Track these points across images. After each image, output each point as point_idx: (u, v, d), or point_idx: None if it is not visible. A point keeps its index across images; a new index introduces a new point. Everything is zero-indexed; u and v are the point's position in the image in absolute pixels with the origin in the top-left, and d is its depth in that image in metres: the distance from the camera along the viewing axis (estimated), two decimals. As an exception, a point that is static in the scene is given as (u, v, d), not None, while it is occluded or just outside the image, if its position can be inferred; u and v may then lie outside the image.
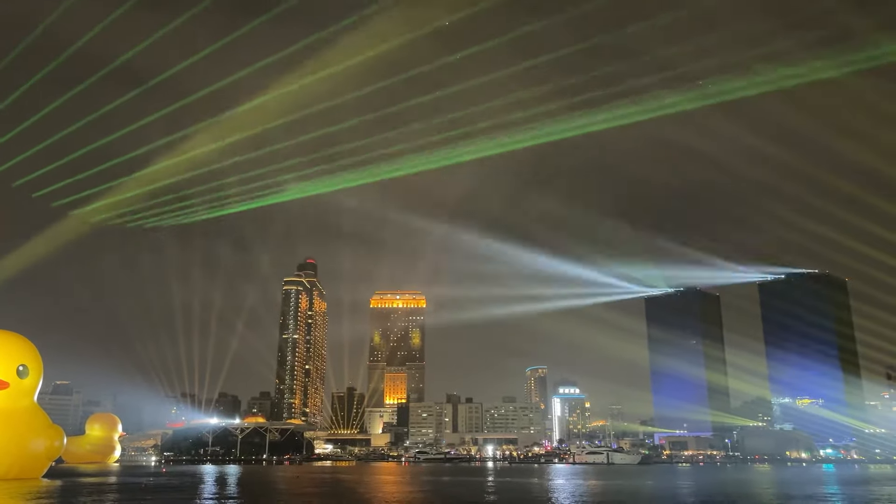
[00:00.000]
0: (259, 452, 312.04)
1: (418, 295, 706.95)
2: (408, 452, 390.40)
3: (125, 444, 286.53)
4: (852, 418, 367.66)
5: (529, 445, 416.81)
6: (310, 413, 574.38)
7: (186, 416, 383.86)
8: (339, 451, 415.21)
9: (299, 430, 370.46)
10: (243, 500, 72.53)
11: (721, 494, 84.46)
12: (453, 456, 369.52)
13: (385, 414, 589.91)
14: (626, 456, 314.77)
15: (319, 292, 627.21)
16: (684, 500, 73.23)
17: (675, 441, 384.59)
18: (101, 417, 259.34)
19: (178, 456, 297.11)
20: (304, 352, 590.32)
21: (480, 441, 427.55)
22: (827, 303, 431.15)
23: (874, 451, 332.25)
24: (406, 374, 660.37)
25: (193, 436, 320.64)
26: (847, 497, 76.79)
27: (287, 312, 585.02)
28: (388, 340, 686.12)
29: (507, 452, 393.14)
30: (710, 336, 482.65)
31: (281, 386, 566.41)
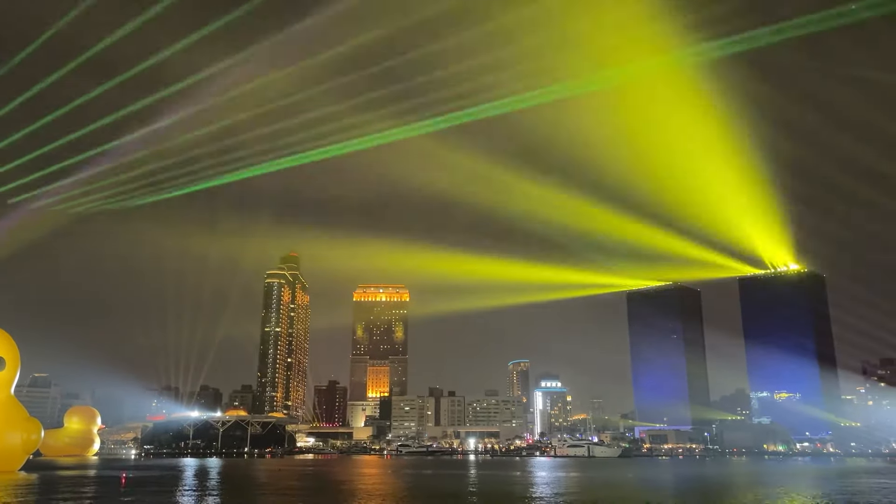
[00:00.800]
0: (240, 446, 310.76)
1: (401, 288, 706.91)
2: (390, 446, 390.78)
3: (104, 438, 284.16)
4: (829, 412, 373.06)
5: (511, 438, 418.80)
6: (292, 406, 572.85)
7: (167, 409, 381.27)
8: (321, 444, 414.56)
9: (281, 423, 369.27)
10: (224, 493, 72.32)
11: (692, 484, 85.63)
12: (435, 449, 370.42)
13: (367, 407, 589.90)
14: (607, 449, 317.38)
15: (302, 285, 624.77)
16: (660, 490, 74.17)
17: (655, 434, 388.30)
18: (80, 410, 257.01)
19: (159, 449, 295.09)
20: (287, 345, 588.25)
21: (463, 434, 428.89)
22: (805, 298, 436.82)
23: (850, 444, 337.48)
24: (389, 367, 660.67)
25: (174, 429, 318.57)
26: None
27: (269, 305, 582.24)
28: (371, 334, 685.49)
29: (489, 445, 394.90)
30: (691, 331, 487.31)
31: (263, 379, 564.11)
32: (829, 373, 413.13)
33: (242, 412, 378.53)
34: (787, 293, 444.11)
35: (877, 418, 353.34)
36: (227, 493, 72.53)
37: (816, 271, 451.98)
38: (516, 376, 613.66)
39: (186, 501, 60.32)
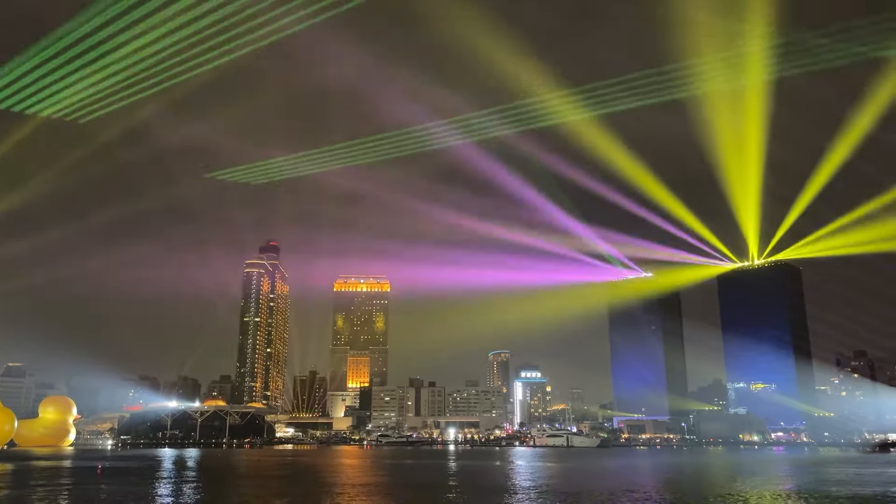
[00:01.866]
0: (219, 436, 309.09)
1: (382, 279, 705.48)
2: (370, 436, 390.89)
3: (80, 428, 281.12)
4: (803, 402, 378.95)
5: (491, 429, 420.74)
6: (271, 397, 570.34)
7: (144, 399, 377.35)
8: (301, 434, 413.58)
9: (260, 413, 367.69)
10: (202, 483, 71.70)
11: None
12: (415, 439, 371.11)
13: (347, 398, 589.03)
14: (586, 439, 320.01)
15: (282, 275, 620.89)
16: (638, 479, 74.87)
17: (634, 425, 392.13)
18: (55, 400, 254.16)
19: (136, 439, 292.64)
20: (266, 335, 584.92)
21: (442, 424, 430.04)
22: (781, 291, 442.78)
23: (823, 433, 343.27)
24: (369, 357, 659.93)
25: (152, 419, 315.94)
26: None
27: (248, 295, 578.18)
28: (351, 324, 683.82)
29: (469, 435, 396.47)
30: (669, 322, 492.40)
31: (242, 369, 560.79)
32: (804, 364, 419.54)
33: (221, 402, 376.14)
34: (763, 286, 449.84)
35: (850, 408, 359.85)
36: (204, 482, 71.93)
37: (792, 265, 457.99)
38: (496, 367, 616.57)
39: (163, 491, 59.69)
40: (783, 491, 61.72)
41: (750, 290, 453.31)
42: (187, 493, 59.34)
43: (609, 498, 53.28)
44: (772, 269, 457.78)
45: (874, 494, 57.16)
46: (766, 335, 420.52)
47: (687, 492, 62.54)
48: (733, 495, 55.91)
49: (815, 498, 54.03)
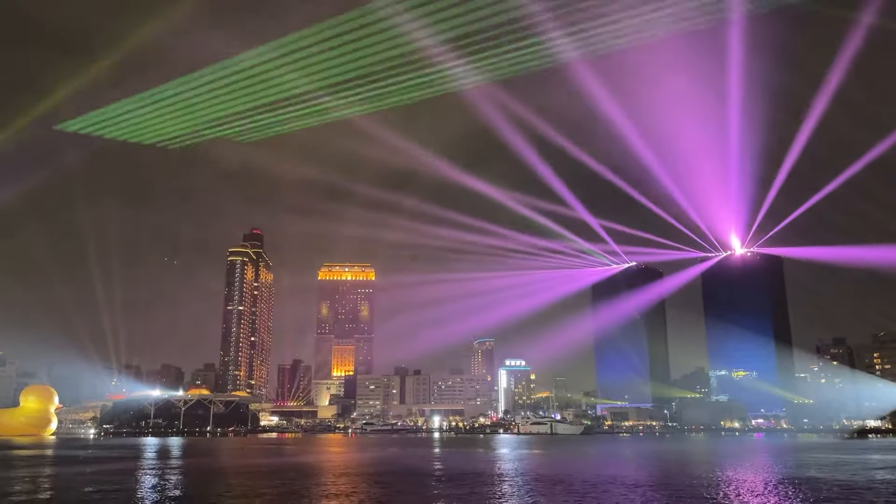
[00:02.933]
0: (203, 424, 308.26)
1: (367, 267, 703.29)
2: (355, 424, 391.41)
3: (62, 417, 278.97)
4: (783, 389, 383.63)
5: (475, 416, 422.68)
6: (255, 385, 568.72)
7: (127, 387, 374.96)
8: (285, 423, 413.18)
9: (244, 402, 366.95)
10: (184, 471, 71.43)
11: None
12: (400, 427, 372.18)
13: (332, 386, 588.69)
14: (569, 426, 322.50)
15: (266, 263, 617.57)
16: (620, 465, 75.57)
17: (617, 412, 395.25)
18: (37, 389, 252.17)
19: (119, 428, 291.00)
20: (250, 323, 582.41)
21: (427, 412, 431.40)
22: (763, 280, 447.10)
23: (802, 420, 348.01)
24: (354, 346, 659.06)
25: (135, 408, 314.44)
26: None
27: (232, 284, 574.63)
28: (336, 313, 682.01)
29: (454, 423, 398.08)
30: (653, 310, 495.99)
31: (226, 358, 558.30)
32: (784, 352, 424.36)
33: (205, 391, 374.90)
34: (745, 275, 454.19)
35: (829, 395, 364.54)
36: (187, 470, 71.65)
37: (774, 254, 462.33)
38: (481, 355, 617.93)
39: (147, 480, 59.34)
40: (765, 477, 62.52)
41: (732, 279, 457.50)
42: (171, 481, 59.04)
43: (593, 484, 53.69)
44: (753, 258, 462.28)
45: (856, 481, 58.06)
46: (747, 323, 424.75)
47: (673, 476, 63.18)
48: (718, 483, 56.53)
49: (798, 484, 54.76)
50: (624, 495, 45.82)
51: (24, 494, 46.63)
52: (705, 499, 43.78)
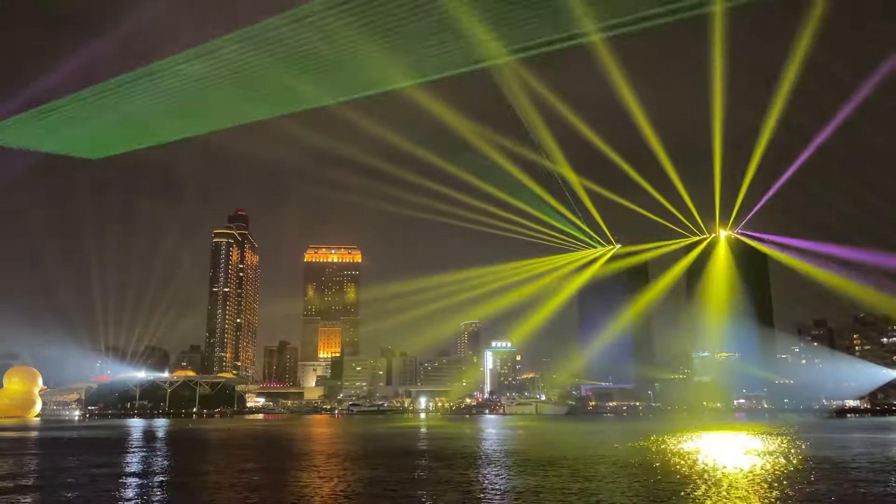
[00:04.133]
0: (189, 406, 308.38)
1: (354, 249, 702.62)
2: (341, 405, 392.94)
3: (46, 399, 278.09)
4: (765, 370, 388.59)
5: (462, 397, 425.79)
6: (241, 367, 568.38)
7: (112, 369, 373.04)
8: (272, 404, 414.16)
9: (230, 383, 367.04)
10: (170, 451, 71.64)
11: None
12: (386, 408, 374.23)
13: (319, 367, 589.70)
14: (554, 406, 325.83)
15: (251, 245, 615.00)
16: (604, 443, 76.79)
17: (601, 392, 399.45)
18: (20, 371, 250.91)
19: (104, 410, 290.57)
20: (236, 305, 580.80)
21: (414, 393, 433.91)
22: (747, 263, 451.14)
23: (783, 400, 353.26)
24: (340, 328, 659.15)
25: (120, 389, 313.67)
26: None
27: (217, 265, 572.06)
28: (322, 294, 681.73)
29: (440, 404, 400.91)
30: (638, 292, 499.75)
31: (211, 339, 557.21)
32: (766, 333, 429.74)
33: (191, 373, 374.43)
34: (728, 256, 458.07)
35: (809, 376, 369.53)
36: (173, 450, 71.86)
37: (757, 234, 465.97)
38: (467, 337, 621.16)
39: (132, 461, 59.51)
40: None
41: (714, 260, 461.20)
42: (157, 461, 59.25)
43: (573, 459, 54.51)
44: (737, 239, 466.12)
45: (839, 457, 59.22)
46: (731, 306, 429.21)
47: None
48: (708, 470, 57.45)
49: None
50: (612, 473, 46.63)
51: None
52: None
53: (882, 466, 51.74)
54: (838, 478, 44.15)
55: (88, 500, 35.24)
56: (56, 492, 38.56)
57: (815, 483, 41.14)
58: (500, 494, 36.78)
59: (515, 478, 44.18)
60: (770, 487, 38.44)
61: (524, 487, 38.94)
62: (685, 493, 35.94)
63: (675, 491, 36.74)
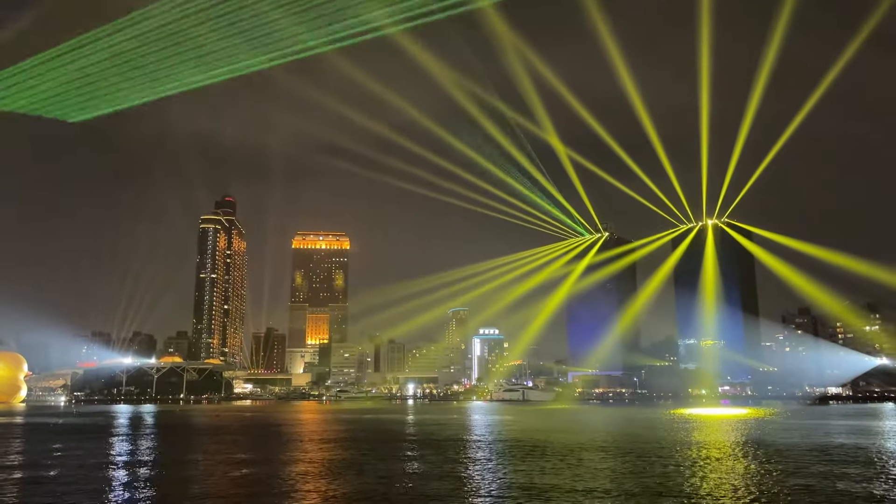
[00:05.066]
0: (176, 392, 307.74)
1: (342, 236, 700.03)
2: (329, 391, 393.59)
3: (32, 385, 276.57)
4: (749, 358, 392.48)
5: (449, 384, 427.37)
6: (229, 353, 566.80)
7: (98, 355, 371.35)
8: (259, 390, 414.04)
9: (218, 369, 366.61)
10: (157, 436, 71.74)
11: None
12: (374, 394, 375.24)
13: (307, 354, 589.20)
14: (541, 393, 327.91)
15: (239, 231, 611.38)
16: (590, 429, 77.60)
17: (588, 379, 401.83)
18: (5, 357, 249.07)
19: (91, 396, 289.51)
20: (223, 291, 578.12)
21: (402, 380, 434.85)
22: (732, 251, 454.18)
23: (767, 387, 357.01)
24: (329, 314, 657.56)
25: (106, 375, 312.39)
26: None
27: (204, 251, 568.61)
28: (310, 281, 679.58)
29: (428, 390, 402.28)
30: (624, 280, 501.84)
31: (199, 326, 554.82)
32: (751, 321, 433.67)
33: (178, 359, 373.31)
34: (715, 245, 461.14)
35: (792, 363, 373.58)
36: (160, 435, 71.97)
37: (743, 224, 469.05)
38: (455, 324, 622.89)
39: (119, 446, 59.61)
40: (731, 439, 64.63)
41: (701, 249, 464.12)
42: (143, 446, 59.38)
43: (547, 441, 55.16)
44: (723, 227, 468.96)
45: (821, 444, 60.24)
46: (716, 293, 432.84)
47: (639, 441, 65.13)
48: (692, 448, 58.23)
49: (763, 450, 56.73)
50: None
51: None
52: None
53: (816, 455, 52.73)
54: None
55: (73, 485, 35.40)
56: (41, 477, 38.67)
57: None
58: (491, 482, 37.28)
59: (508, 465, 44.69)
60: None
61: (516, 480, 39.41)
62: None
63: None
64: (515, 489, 33.34)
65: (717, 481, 35.93)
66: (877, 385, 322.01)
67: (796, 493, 32.39)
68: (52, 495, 32.00)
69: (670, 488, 33.24)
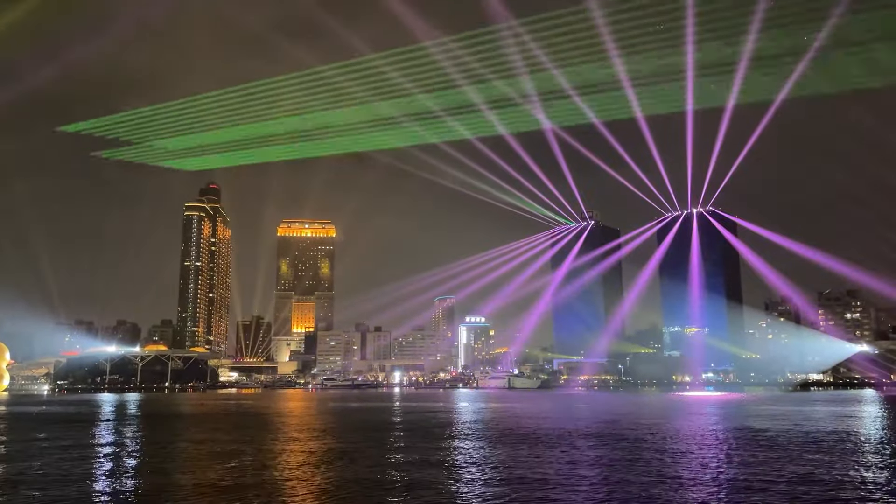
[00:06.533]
0: (161, 381, 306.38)
1: (328, 224, 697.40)
2: (315, 380, 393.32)
3: (14, 373, 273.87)
4: (733, 345, 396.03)
5: (436, 371, 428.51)
6: (214, 341, 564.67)
7: (82, 344, 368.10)
8: (245, 378, 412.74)
9: (203, 358, 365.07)
10: (141, 425, 71.29)
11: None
12: (361, 382, 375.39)
13: (293, 342, 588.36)
14: (527, 381, 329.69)
15: (223, 219, 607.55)
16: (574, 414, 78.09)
17: (573, 366, 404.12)
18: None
19: (74, 385, 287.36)
20: (208, 280, 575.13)
21: (388, 368, 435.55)
22: (717, 239, 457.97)
23: (749, 374, 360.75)
24: (315, 303, 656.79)
25: (90, 364, 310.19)
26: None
27: (189, 239, 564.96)
28: (296, 269, 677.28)
29: (414, 378, 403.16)
30: (610, 268, 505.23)
31: (183, 314, 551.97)
32: (735, 309, 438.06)
33: (163, 347, 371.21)
34: (700, 233, 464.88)
35: (775, 350, 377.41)
36: (144, 424, 71.50)
37: (728, 213, 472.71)
38: (442, 312, 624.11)
39: (103, 435, 59.15)
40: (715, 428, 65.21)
41: (686, 237, 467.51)
42: (127, 434, 58.96)
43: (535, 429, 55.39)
44: (708, 216, 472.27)
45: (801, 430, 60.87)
46: (701, 282, 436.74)
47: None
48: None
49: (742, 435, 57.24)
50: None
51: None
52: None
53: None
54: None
55: (58, 474, 35.02)
56: (26, 468, 38.24)
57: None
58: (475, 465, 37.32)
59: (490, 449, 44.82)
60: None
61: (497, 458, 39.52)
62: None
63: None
64: (511, 480, 33.38)
65: (715, 470, 36.18)
66: (857, 371, 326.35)
67: (797, 481, 32.69)
68: (36, 485, 31.62)
69: (665, 475, 33.44)
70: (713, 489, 29.75)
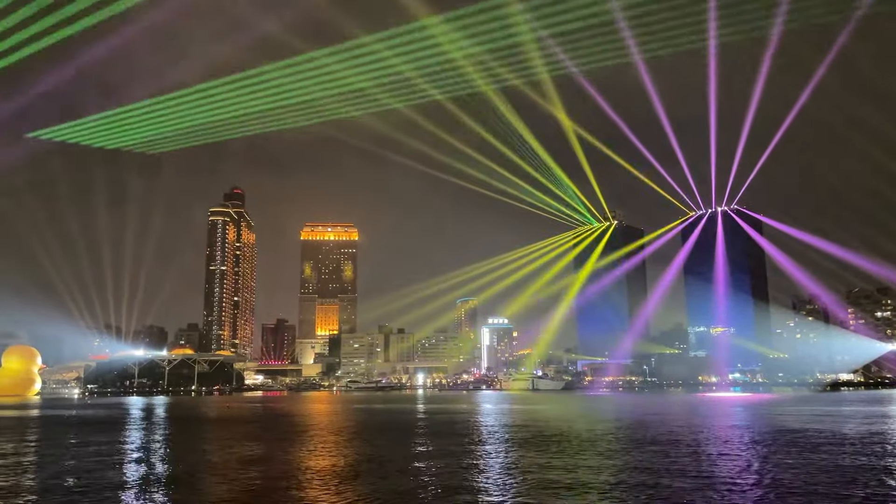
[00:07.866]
0: (188, 384, 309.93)
1: (350, 227, 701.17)
2: (339, 382, 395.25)
3: (45, 377, 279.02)
4: (760, 345, 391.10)
5: (459, 373, 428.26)
6: (239, 344, 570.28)
7: (110, 348, 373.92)
8: (270, 381, 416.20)
9: (229, 361, 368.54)
10: (171, 428, 72.02)
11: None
12: (384, 384, 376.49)
13: (317, 345, 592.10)
14: (551, 382, 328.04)
15: (248, 223, 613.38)
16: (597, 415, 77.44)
17: (597, 368, 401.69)
18: (19, 350, 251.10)
19: (103, 388, 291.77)
20: (233, 283, 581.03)
21: (411, 370, 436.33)
22: (742, 237, 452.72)
23: (777, 374, 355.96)
24: (338, 305, 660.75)
25: (119, 368, 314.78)
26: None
27: (214, 244, 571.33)
28: (319, 272, 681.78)
29: (437, 380, 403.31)
30: (633, 268, 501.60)
31: (209, 318, 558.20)
32: (761, 308, 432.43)
33: (189, 351, 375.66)
34: (725, 232, 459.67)
35: (803, 350, 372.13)
36: (174, 427, 72.23)
37: (753, 211, 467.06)
38: (464, 314, 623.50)
39: (134, 438, 59.82)
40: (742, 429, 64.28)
41: (711, 236, 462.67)
42: (159, 437, 59.57)
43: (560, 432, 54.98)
44: (733, 214, 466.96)
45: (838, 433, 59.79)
46: (726, 281, 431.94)
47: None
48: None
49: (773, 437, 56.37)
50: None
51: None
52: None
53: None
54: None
55: (91, 479, 35.42)
56: (58, 471, 38.76)
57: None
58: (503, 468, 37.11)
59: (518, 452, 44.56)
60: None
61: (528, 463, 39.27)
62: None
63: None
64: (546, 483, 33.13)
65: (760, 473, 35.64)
66: (888, 370, 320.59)
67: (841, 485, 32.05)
68: (68, 491, 32.00)
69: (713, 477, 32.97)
70: (759, 493, 29.23)
